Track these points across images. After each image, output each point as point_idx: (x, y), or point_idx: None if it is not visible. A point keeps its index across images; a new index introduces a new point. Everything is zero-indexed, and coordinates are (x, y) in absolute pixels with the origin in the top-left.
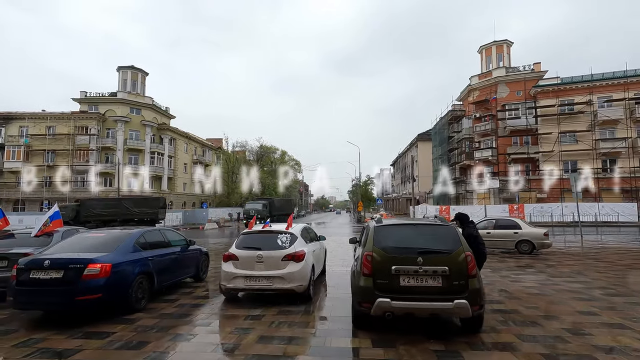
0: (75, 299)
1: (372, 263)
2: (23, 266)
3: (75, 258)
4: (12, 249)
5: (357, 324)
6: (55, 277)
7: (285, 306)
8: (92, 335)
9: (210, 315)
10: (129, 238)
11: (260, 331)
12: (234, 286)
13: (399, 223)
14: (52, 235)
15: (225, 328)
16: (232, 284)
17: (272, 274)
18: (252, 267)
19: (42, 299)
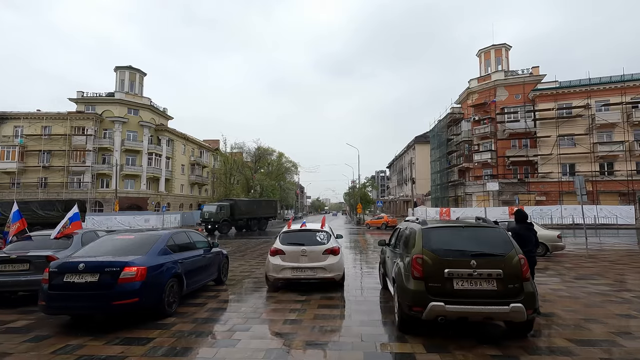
0: (112, 304)
1: (423, 266)
2: (56, 269)
3: (111, 261)
4: (33, 251)
5: (404, 328)
6: (90, 280)
7: (320, 309)
8: (132, 342)
9: (247, 320)
10: (160, 240)
11: (304, 336)
12: (282, 276)
13: (447, 225)
14: (71, 237)
15: (267, 332)
16: (280, 275)
17: (316, 265)
18: (297, 260)
19: (77, 303)
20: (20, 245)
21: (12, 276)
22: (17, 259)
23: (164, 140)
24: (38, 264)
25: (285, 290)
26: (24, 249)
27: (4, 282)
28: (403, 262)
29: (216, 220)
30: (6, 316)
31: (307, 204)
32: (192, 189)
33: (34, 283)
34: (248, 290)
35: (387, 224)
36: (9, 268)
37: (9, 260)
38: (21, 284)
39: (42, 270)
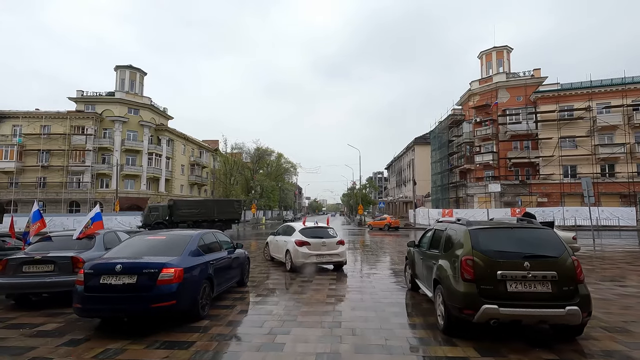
0: (150, 306)
1: (474, 268)
2: (92, 271)
3: (149, 262)
4: (57, 252)
5: (451, 332)
6: (128, 282)
7: (355, 311)
8: (173, 346)
9: (283, 323)
10: (191, 240)
11: (350, 340)
12: (310, 261)
13: (495, 226)
14: (93, 237)
15: (309, 336)
16: (308, 260)
17: (332, 252)
18: (319, 249)
19: (114, 306)
20: (41, 246)
21: (37, 277)
22: (42, 260)
23: (164, 140)
24: (63, 265)
25: (312, 292)
26: (46, 249)
27: (29, 283)
28: (448, 263)
29: (147, 222)
30: (33, 319)
31: (305, 204)
32: (191, 190)
33: (60, 284)
34: (272, 291)
35: (390, 225)
36: (33, 269)
37: (33, 262)
38: (46, 286)
39: (67, 271)
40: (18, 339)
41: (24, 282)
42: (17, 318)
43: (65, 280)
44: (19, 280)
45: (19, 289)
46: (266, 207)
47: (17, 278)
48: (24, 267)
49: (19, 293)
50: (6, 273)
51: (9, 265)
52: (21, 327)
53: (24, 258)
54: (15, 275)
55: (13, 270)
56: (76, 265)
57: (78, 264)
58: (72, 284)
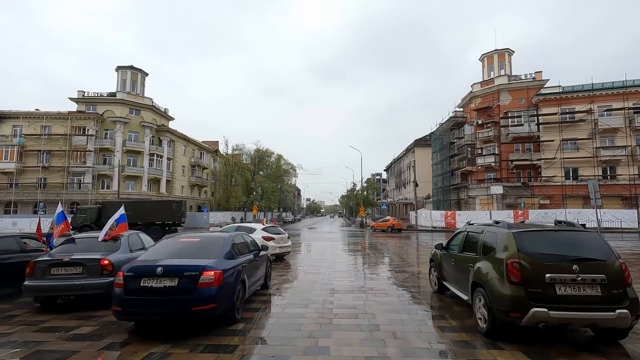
0: (192, 310)
1: (521, 271)
2: (132, 273)
3: (191, 264)
4: (84, 254)
5: (495, 335)
6: (169, 285)
7: (388, 314)
8: (217, 349)
9: (320, 326)
10: (225, 242)
11: (395, 344)
12: (274, 252)
13: (540, 229)
14: (118, 239)
15: (352, 339)
16: (274, 251)
17: (286, 244)
18: (279, 242)
19: (155, 309)
20: (67, 248)
21: (65, 280)
22: (70, 262)
23: (165, 141)
24: (91, 268)
25: (339, 295)
26: (72, 252)
27: (58, 286)
28: (490, 266)
29: (75, 225)
30: (64, 322)
31: (304, 206)
32: (192, 191)
33: (89, 287)
34: (296, 294)
35: (393, 227)
36: (61, 272)
37: (61, 264)
38: (76, 288)
39: (96, 273)
40: (56, 342)
41: (53, 285)
42: (48, 321)
43: (94, 282)
44: (48, 283)
45: (48, 292)
46: (266, 209)
47: (45, 280)
48: (52, 269)
49: (47, 296)
50: (34, 275)
51: (37, 267)
52: (56, 330)
53: (52, 260)
54: (44, 278)
55: (41, 273)
56: (105, 267)
57: (107, 267)
58: (100, 287)
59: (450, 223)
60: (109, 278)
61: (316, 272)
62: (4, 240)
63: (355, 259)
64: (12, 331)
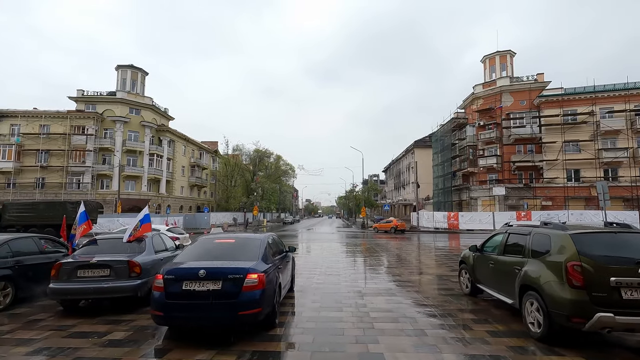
0: (238, 314)
1: (583, 274)
2: (172, 276)
3: (234, 267)
4: (111, 255)
5: (552, 341)
6: (213, 289)
7: (430, 318)
8: (266, 356)
9: (364, 330)
10: (262, 244)
11: (448, 348)
12: None
13: (599, 231)
14: (143, 240)
15: (405, 345)
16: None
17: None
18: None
19: (200, 314)
20: (91, 249)
21: (93, 282)
22: (97, 264)
23: (165, 141)
24: (119, 270)
25: (370, 297)
26: (97, 253)
27: (86, 289)
28: (545, 269)
29: None
30: (93, 326)
31: (301, 207)
32: (191, 191)
33: (117, 290)
34: (325, 297)
35: (397, 228)
36: (88, 274)
37: (88, 266)
38: (104, 291)
39: (123, 276)
40: (93, 348)
41: (80, 288)
42: (76, 326)
43: (122, 285)
44: (75, 286)
45: (75, 295)
46: (265, 210)
47: (72, 283)
48: (79, 271)
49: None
50: (60, 278)
51: (62, 269)
52: (88, 336)
53: (79, 262)
54: (70, 280)
55: (67, 275)
56: (133, 269)
57: (135, 269)
58: (129, 290)
59: (453, 224)
60: (137, 280)
61: (336, 274)
62: (21, 241)
63: (371, 260)
64: (41, 337)
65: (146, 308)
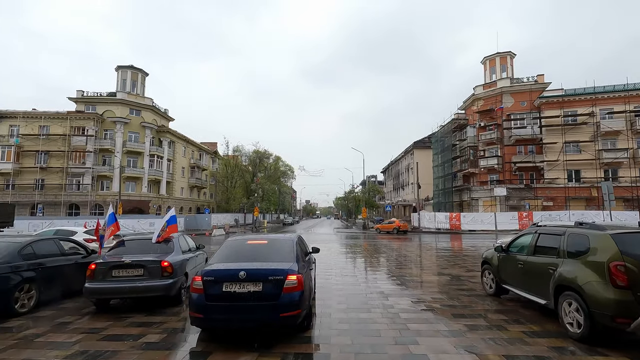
0: (280, 316)
1: (628, 274)
2: (212, 278)
3: (275, 268)
4: (143, 256)
5: (592, 341)
6: (253, 290)
7: (457, 319)
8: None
9: (400, 331)
10: (294, 245)
11: (488, 348)
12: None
13: (638, 230)
14: (170, 240)
15: (444, 345)
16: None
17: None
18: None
19: (242, 316)
20: (122, 250)
21: (128, 282)
22: (132, 264)
23: (166, 142)
24: (152, 269)
25: (394, 296)
26: (128, 253)
27: (121, 288)
28: (585, 269)
29: None
30: (124, 329)
31: (299, 208)
32: (191, 192)
33: (151, 289)
34: (349, 298)
35: (399, 229)
36: (123, 274)
37: (123, 266)
38: (139, 290)
39: (157, 275)
40: (132, 352)
41: (116, 287)
42: (107, 328)
43: (155, 284)
44: (111, 285)
45: (111, 294)
46: (265, 211)
47: (107, 283)
48: (114, 271)
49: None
50: (96, 278)
51: (98, 269)
52: (122, 339)
53: (114, 262)
54: (106, 280)
55: (102, 275)
56: (165, 269)
57: (167, 269)
58: (161, 289)
59: (455, 225)
60: (169, 280)
61: (351, 274)
62: (43, 242)
63: (382, 261)
64: (74, 340)
65: (173, 309)
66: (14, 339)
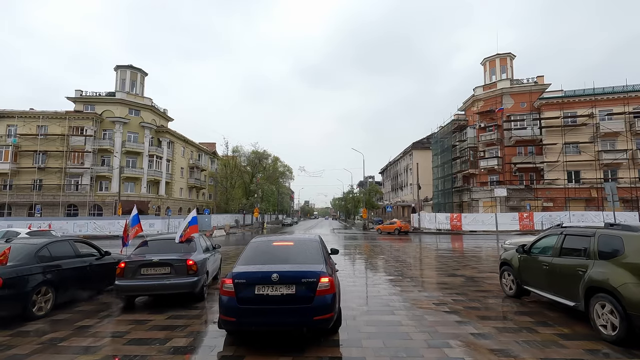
0: (313, 319)
1: None
2: (244, 280)
3: (307, 271)
4: (169, 254)
5: (629, 343)
6: (287, 293)
7: (482, 320)
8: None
9: (430, 334)
10: (321, 246)
11: (523, 353)
12: None
13: None
14: (192, 240)
15: (480, 349)
16: None
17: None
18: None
19: (275, 319)
20: (146, 249)
21: (156, 280)
22: (159, 263)
23: (165, 142)
24: (178, 268)
25: (414, 297)
26: (153, 252)
27: (151, 285)
28: (620, 270)
29: None
30: (147, 332)
31: (297, 208)
32: (190, 193)
33: (177, 286)
34: (370, 300)
35: (400, 229)
36: (151, 272)
37: (151, 264)
38: (166, 287)
39: (182, 273)
40: (161, 357)
41: (145, 284)
42: (130, 332)
43: (181, 282)
44: (140, 283)
45: (141, 291)
46: (264, 211)
47: (137, 280)
48: (142, 269)
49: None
50: (125, 276)
51: (127, 268)
52: (149, 343)
53: (142, 261)
54: (135, 278)
55: (132, 273)
56: (190, 267)
57: (192, 267)
58: (186, 286)
59: (456, 226)
60: (194, 277)
61: (362, 275)
62: (59, 244)
63: (391, 262)
64: (100, 344)
65: (193, 312)
66: (37, 343)
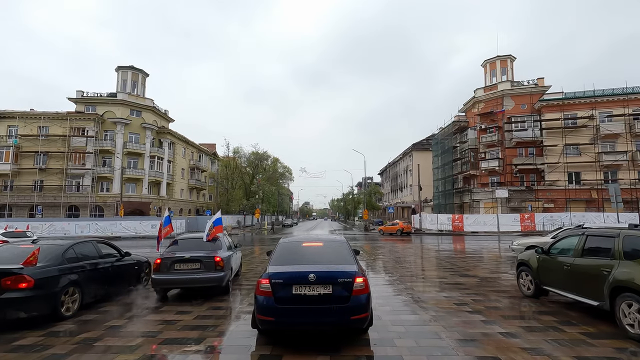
0: (350, 319)
1: None
2: (281, 281)
3: (343, 271)
4: (199, 252)
5: None
6: (324, 293)
7: (507, 319)
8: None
9: (457, 332)
10: (348, 245)
11: (568, 352)
12: None
13: None
14: (217, 239)
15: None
16: None
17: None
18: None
19: (313, 319)
20: (175, 248)
21: (187, 274)
22: (191, 259)
23: (166, 143)
24: (207, 264)
25: (433, 297)
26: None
27: (184, 279)
28: None
29: None
30: (179, 333)
31: (296, 209)
32: (191, 194)
33: (207, 280)
34: (390, 299)
35: (402, 230)
36: (183, 267)
37: (183, 260)
38: (197, 281)
39: (211, 268)
40: (198, 357)
41: (178, 278)
42: (162, 332)
43: (210, 276)
44: (174, 277)
45: (175, 284)
46: (264, 212)
47: (171, 275)
48: (175, 265)
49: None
50: (161, 270)
51: (162, 263)
52: (183, 342)
53: (176, 257)
54: (169, 272)
55: (167, 268)
56: (218, 263)
57: (219, 263)
58: (214, 280)
59: (457, 227)
60: (221, 272)
61: (378, 276)
62: (83, 245)
63: (401, 262)
64: (135, 344)
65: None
66: (72, 343)
